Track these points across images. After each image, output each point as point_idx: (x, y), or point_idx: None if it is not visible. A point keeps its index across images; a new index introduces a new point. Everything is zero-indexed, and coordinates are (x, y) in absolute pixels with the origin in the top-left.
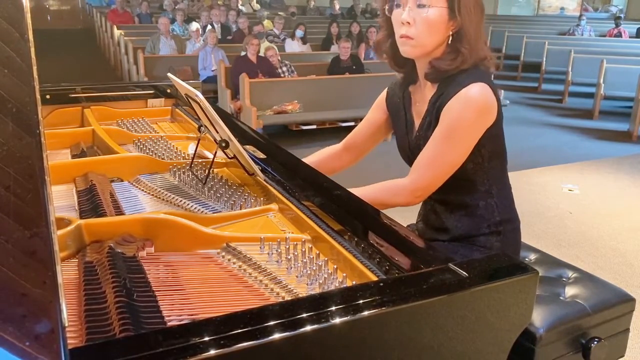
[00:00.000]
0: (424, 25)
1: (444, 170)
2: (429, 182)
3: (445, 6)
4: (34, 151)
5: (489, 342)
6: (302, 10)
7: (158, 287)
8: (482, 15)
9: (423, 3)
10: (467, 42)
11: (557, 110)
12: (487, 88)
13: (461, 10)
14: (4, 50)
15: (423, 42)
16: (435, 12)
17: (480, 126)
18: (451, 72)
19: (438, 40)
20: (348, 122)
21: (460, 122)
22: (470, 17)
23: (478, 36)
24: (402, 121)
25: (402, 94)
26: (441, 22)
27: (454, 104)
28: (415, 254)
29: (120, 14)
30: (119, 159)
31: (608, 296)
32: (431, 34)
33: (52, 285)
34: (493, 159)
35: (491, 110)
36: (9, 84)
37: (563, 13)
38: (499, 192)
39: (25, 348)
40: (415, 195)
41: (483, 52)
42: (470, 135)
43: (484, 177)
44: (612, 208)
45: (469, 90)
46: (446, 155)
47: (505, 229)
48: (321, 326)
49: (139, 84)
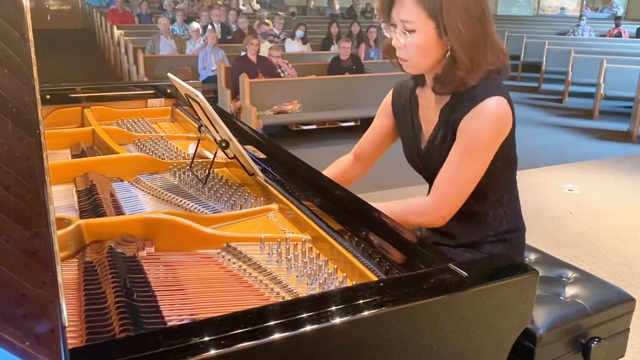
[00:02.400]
0: (413, 49)
1: (467, 187)
2: (452, 202)
3: (433, 27)
4: (34, 151)
5: (489, 342)
6: (302, 10)
7: (158, 287)
8: (481, 27)
9: (408, 28)
10: (461, 63)
11: (557, 110)
12: (503, 101)
13: (447, 32)
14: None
15: (416, 64)
16: (421, 37)
17: (498, 140)
18: (458, 89)
19: (433, 60)
20: (348, 122)
21: (479, 138)
22: (459, 35)
23: (478, 51)
24: (408, 125)
25: (409, 96)
26: (431, 45)
27: (472, 120)
28: (415, 253)
29: (120, 14)
30: (119, 159)
31: (608, 296)
32: (423, 56)
33: (52, 285)
34: (505, 168)
35: (508, 122)
36: (9, 84)
37: (563, 13)
38: (509, 201)
39: (25, 348)
40: (440, 216)
41: (488, 65)
42: (489, 150)
43: (496, 186)
44: (612, 208)
45: (485, 104)
46: (468, 172)
47: (512, 237)
48: (321, 326)
49: (139, 84)
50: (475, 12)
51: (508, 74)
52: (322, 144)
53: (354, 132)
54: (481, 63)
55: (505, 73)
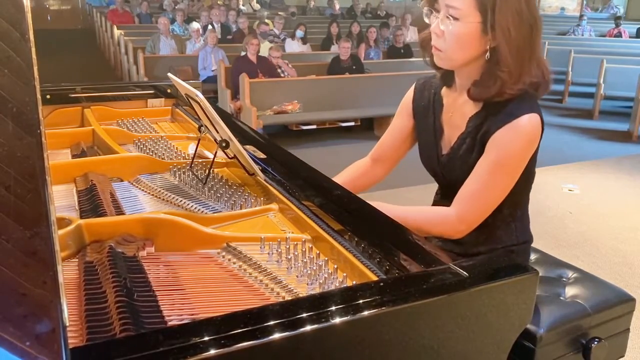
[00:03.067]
0: (453, 39)
1: (492, 204)
2: (475, 216)
3: (479, 21)
4: (34, 151)
5: (489, 342)
6: (302, 10)
7: (158, 287)
8: (531, 35)
9: (452, 14)
10: (504, 66)
11: (557, 110)
12: (538, 119)
13: (496, 29)
14: (4, 50)
15: (451, 56)
16: (464, 27)
17: (527, 157)
18: (495, 98)
19: (469, 56)
20: (348, 122)
21: (510, 155)
22: (507, 38)
23: (522, 59)
24: (429, 127)
25: (433, 97)
26: (471, 38)
27: (504, 136)
28: (415, 253)
29: (120, 13)
30: (119, 159)
31: (608, 296)
32: (460, 49)
33: (52, 285)
34: (523, 183)
35: (537, 140)
36: (9, 84)
37: (563, 13)
38: (522, 215)
39: (25, 348)
40: (459, 230)
41: (531, 77)
42: (518, 167)
43: (512, 201)
44: (612, 208)
45: (521, 121)
46: (495, 188)
47: (518, 249)
48: (321, 326)
49: (139, 84)
50: (527, 18)
51: (546, 92)
52: (322, 144)
53: (354, 132)
54: (525, 72)
55: (543, 91)
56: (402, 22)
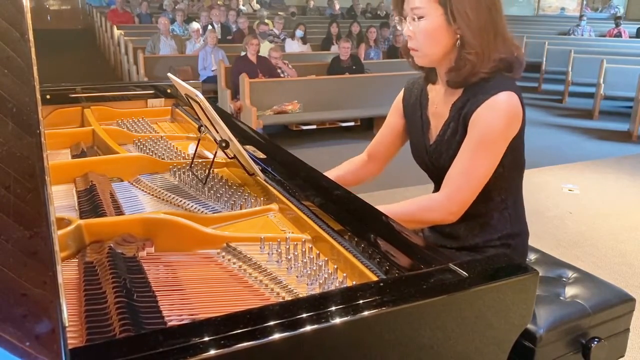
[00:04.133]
0: (423, 36)
1: (479, 181)
2: (465, 196)
3: (441, 13)
4: (34, 151)
5: (489, 342)
6: (302, 10)
7: (158, 287)
8: (490, 14)
9: (417, 14)
10: (470, 48)
11: (557, 110)
12: (515, 97)
13: (456, 17)
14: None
15: (427, 52)
16: (430, 22)
17: (509, 135)
18: (471, 79)
19: (443, 49)
20: (348, 122)
21: (490, 131)
22: (468, 20)
23: (487, 38)
24: (417, 122)
25: (420, 94)
26: (439, 31)
27: (483, 113)
28: (415, 253)
29: (120, 14)
30: (119, 159)
31: (608, 296)
32: (433, 43)
33: (52, 285)
34: (513, 169)
35: (518, 119)
36: (9, 84)
37: (563, 13)
38: (514, 203)
39: (25, 348)
40: (451, 211)
41: (499, 54)
42: (500, 144)
43: (502, 187)
44: (612, 208)
45: (497, 98)
46: (480, 166)
47: (515, 242)
48: (321, 326)
49: (139, 84)
50: (484, 1)
51: (521, 70)
52: (322, 144)
53: (354, 132)
54: (491, 50)
55: (518, 70)
56: None
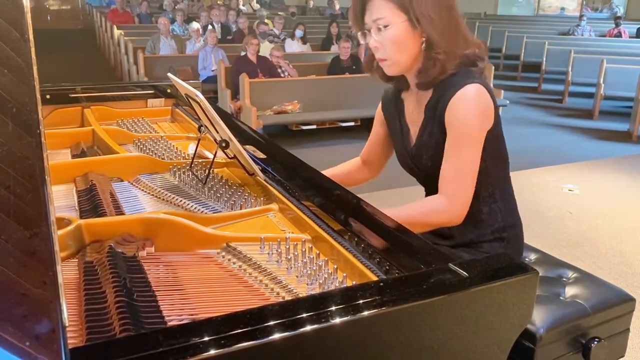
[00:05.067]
0: (390, 45)
1: (471, 175)
2: (463, 193)
3: (405, 19)
4: (34, 151)
5: (489, 342)
6: (302, 10)
7: (158, 287)
8: (450, 15)
9: (381, 24)
10: (438, 47)
11: (557, 110)
12: (481, 87)
13: (420, 20)
14: (4, 50)
15: (397, 60)
16: (395, 30)
17: (484, 125)
18: (439, 78)
19: (412, 54)
20: (348, 122)
21: (466, 124)
22: (432, 22)
23: (451, 37)
24: (397, 129)
25: (395, 102)
26: (406, 37)
27: (455, 108)
28: (415, 253)
29: (120, 14)
30: (119, 159)
31: (608, 296)
32: (401, 50)
33: (52, 285)
34: (495, 162)
35: (489, 110)
36: (9, 84)
37: (563, 13)
38: (502, 196)
39: (25, 348)
40: (458, 213)
41: (462, 50)
42: (478, 134)
43: (487, 181)
44: (612, 208)
45: (465, 90)
46: (467, 160)
47: (509, 235)
48: (321, 326)
49: (139, 84)
50: (444, 3)
51: (484, 65)
52: (322, 144)
53: (354, 132)
54: (455, 48)
55: (481, 64)
56: None
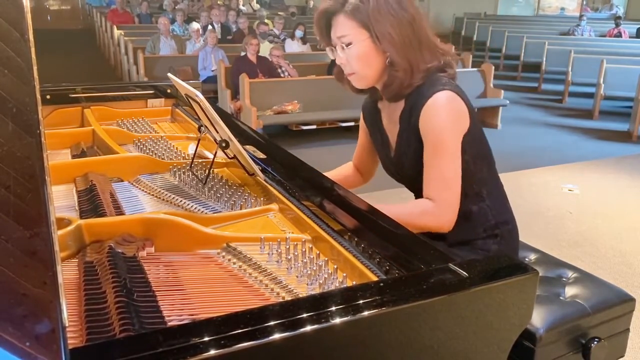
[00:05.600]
0: (355, 60)
1: (455, 181)
2: (452, 202)
3: (367, 37)
4: (34, 151)
5: (489, 342)
6: (302, 10)
7: (158, 287)
8: (412, 30)
9: (345, 42)
10: (398, 66)
11: (557, 110)
12: (451, 94)
13: (380, 39)
14: (4, 50)
15: (364, 75)
16: (358, 47)
17: (459, 129)
18: (404, 92)
19: (378, 68)
20: (348, 122)
21: (440, 132)
22: (391, 41)
23: (413, 53)
24: (378, 137)
25: (374, 110)
26: (369, 53)
27: (427, 118)
28: (415, 253)
29: (120, 14)
30: (119, 159)
31: (608, 296)
32: (366, 66)
33: (52, 285)
34: (477, 161)
35: (462, 113)
36: (9, 84)
37: (563, 13)
38: (490, 194)
39: (25, 348)
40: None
41: (426, 64)
42: (454, 141)
43: (471, 180)
44: (612, 208)
45: (433, 99)
46: (447, 166)
47: (502, 231)
48: (321, 326)
49: (139, 84)
50: (403, 16)
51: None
52: (322, 144)
53: (353, 132)
54: (419, 62)
55: (450, 70)
56: None
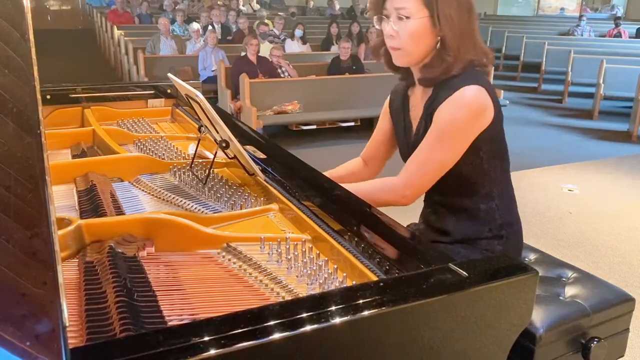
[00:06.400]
0: (407, 36)
1: (435, 170)
2: (419, 182)
3: (427, 15)
4: (34, 151)
5: (489, 342)
6: (302, 10)
7: (158, 287)
8: (469, 18)
9: (403, 15)
10: (450, 50)
11: (557, 110)
12: (482, 90)
13: (441, 20)
14: (4, 50)
15: (410, 52)
16: (416, 23)
17: (474, 128)
18: (441, 77)
19: (426, 49)
20: (348, 122)
21: (451, 124)
22: (451, 24)
23: (465, 42)
24: (401, 126)
25: (402, 98)
26: (424, 32)
27: (446, 107)
28: (415, 253)
29: (121, 14)
30: (120, 159)
31: (608, 296)
32: (416, 43)
33: (52, 285)
34: (492, 160)
35: (485, 111)
36: (10, 84)
37: (563, 13)
38: (501, 194)
39: (25, 348)
40: (404, 195)
41: (471, 56)
42: (462, 137)
43: (484, 179)
44: (612, 208)
45: (462, 92)
46: (437, 156)
47: (507, 233)
48: (321, 326)
49: (139, 84)
50: (465, 4)
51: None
52: (322, 144)
53: (354, 132)
54: (468, 51)
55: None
56: None
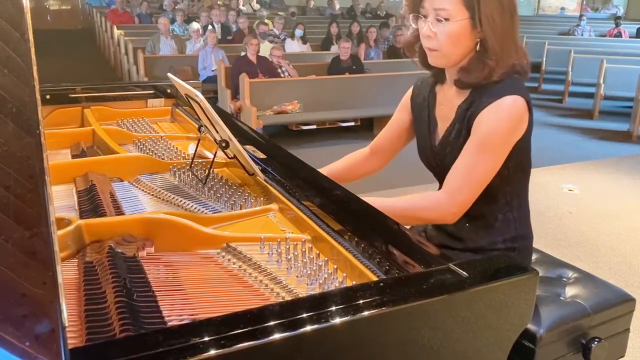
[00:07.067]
0: (446, 38)
1: (479, 183)
2: (465, 197)
3: (467, 17)
4: (34, 151)
5: (489, 342)
6: (302, 10)
7: (158, 287)
8: (512, 21)
9: (443, 16)
10: (492, 54)
11: (557, 110)
12: (522, 100)
13: (482, 22)
14: (4, 50)
15: (447, 54)
16: (455, 25)
17: (513, 138)
18: (482, 82)
19: (463, 51)
20: (348, 122)
21: (493, 134)
22: (493, 27)
23: (507, 44)
24: (424, 122)
25: (428, 93)
26: (463, 34)
27: (488, 115)
28: (415, 253)
29: (120, 14)
30: (119, 159)
31: (608, 296)
32: (454, 45)
33: (52, 285)
34: (518, 172)
35: (522, 122)
36: (9, 84)
37: (563, 13)
38: (519, 206)
39: (25, 348)
40: (451, 212)
41: (513, 60)
42: (503, 147)
43: (507, 189)
44: (612, 208)
45: (503, 101)
46: (481, 167)
47: (520, 246)
48: (321, 326)
49: (139, 84)
50: (508, 5)
51: (527, 77)
52: (322, 144)
53: (354, 132)
54: (510, 55)
55: (525, 75)
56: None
